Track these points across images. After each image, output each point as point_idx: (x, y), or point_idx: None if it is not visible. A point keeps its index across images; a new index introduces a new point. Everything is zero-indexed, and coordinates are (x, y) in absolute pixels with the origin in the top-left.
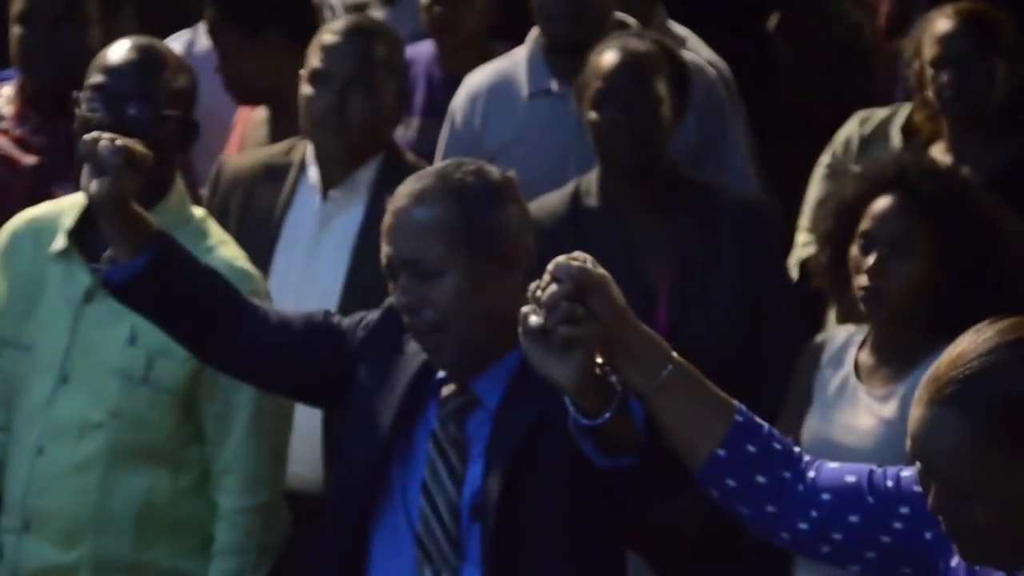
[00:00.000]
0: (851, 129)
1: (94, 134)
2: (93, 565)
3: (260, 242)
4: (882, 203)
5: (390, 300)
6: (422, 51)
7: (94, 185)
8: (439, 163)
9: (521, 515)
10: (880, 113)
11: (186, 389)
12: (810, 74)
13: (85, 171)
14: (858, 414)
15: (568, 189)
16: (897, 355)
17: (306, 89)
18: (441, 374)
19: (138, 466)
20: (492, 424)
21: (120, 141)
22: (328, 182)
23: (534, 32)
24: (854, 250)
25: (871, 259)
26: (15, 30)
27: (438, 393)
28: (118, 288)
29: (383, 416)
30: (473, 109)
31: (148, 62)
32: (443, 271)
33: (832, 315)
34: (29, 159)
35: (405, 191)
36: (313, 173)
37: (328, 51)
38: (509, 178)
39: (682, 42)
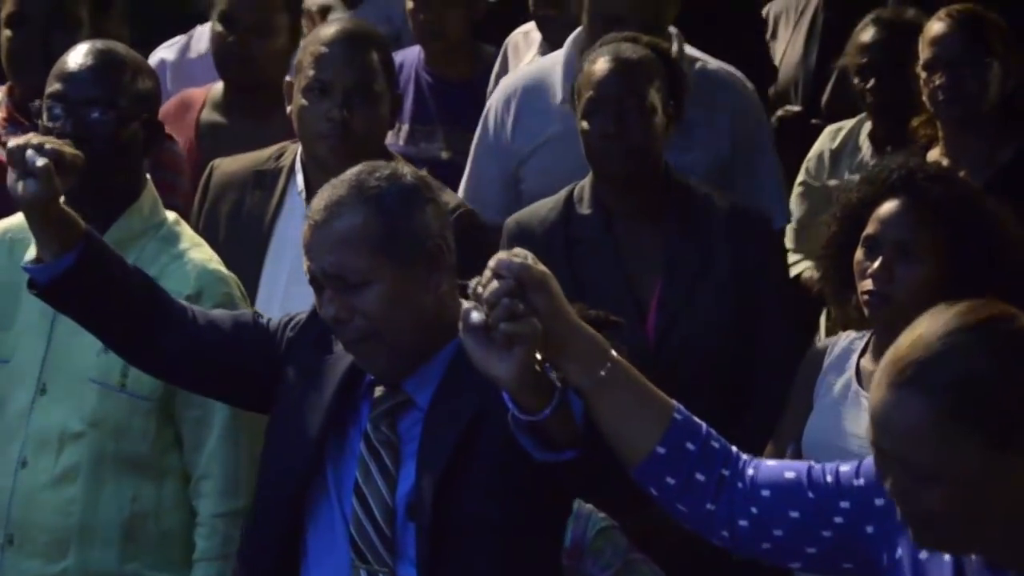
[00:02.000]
0: (822, 144)
1: (21, 139)
2: None
3: (250, 247)
4: (888, 207)
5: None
6: (410, 56)
7: (20, 187)
8: (352, 169)
9: (456, 513)
10: (848, 125)
11: (163, 395)
12: None
13: (10, 174)
14: (860, 419)
15: (561, 196)
16: None
17: (301, 100)
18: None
19: (121, 475)
20: (424, 423)
21: (49, 144)
22: (314, 189)
23: (572, 36)
24: (859, 254)
25: (877, 263)
26: (4, 33)
27: (370, 393)
28: (44, 288)
29: (313, 416)
30: (507, 109)
31: (107, 66)
32: (369, 281)
33: (822, 321)
34: None
35: (321, 203)
36: (299, 180)
37: (325, 61)
38: (423, 177)
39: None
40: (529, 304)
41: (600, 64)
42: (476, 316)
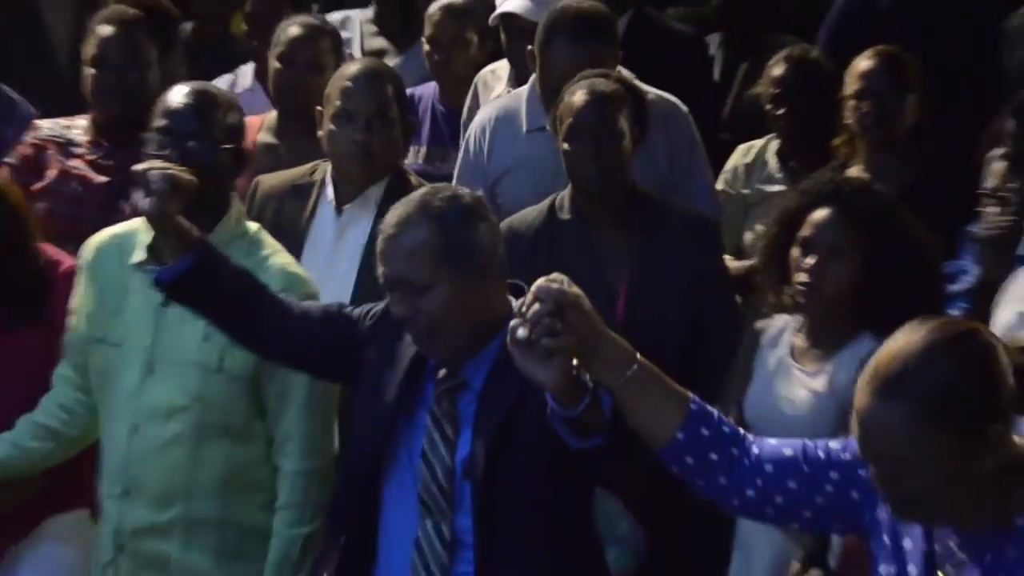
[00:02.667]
0: (736, 160)
1: (146, 164)
2: (185, 524)
3: (287, 247)
4: (820, 214)
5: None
6: (427, 90)
7: (144, 203)
8: (419, 191)
9: (504, 473)
10: (757, 144)
11: (252, 375)
12: None
13: (137, 193)
14: (793, 387)
15: (545, 204)
16: (826, 339)
17: (330, 126)
18: None
19: (217, 440)
20: (478, 401)
21: (168, 170)
22: (342, 199)
23: (533, 78)
24: (795, 252)
25: (810, 260)
26: (88, 71)
27: (433, 375)
28: (167, 286)
29: (388, 394)
30: (483, 137)
31: (202, 104)
32: (430, 286)
33: None
34: (101, 178)
35: (392, 220)
36: (330, 192)
37: (350, 93)
38: (478, 198)
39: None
40: (565, 321)
41: (579, 96)
42: (522, 332)
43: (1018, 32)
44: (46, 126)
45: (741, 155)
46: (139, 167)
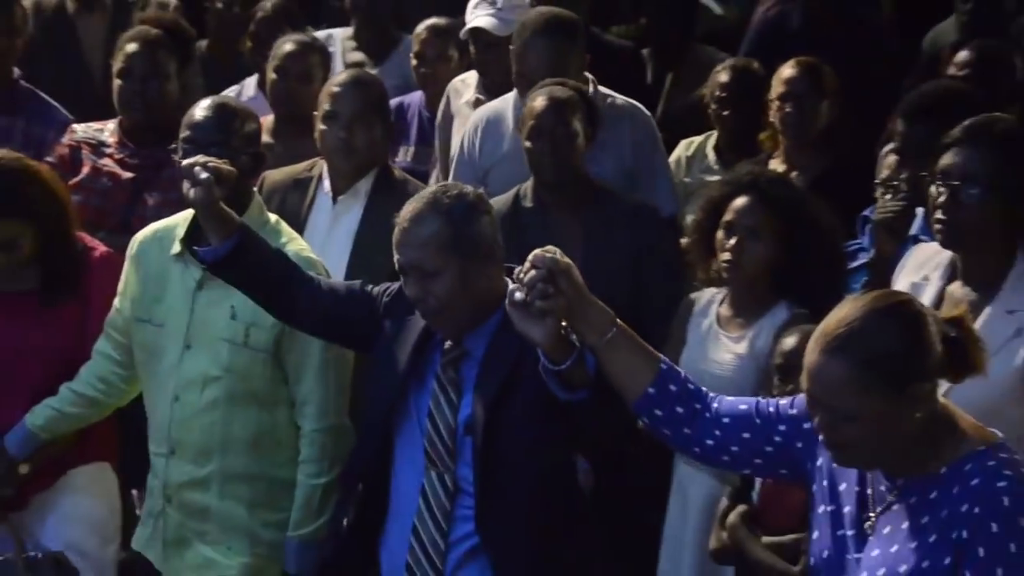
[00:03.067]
0: (679, 152)
1: (192, 159)
2: (221, 476)
3: None
4: (740, 201)
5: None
6: (414, 98)
7: (192, 193)
8: (430, 188)
9: (500, 430)
10: (697, 140)
11: (274, 348)
12: None
13: (185, 184)
14: (719, 350)
15: (511, 194)
16: (747, 309)
17: (321, 126)
18: None
19: (247, 405)
20: (478, 369)
21: (211, 163)
22: (337, 191)
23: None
24: (719, 235)
25: (732, 241)
26: (116, 83)
27: (440, 346)
28: (211, 264)
29: (400, 359)
30: (476, 136)
31: (222, 116)
32: (440, 271)
33: None
34: (127, 174)
35: (407, 213)
36: (326, 184)
37: (336, 97)
38: (480, 195)
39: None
40: (556, 287)
41: (539, 101)
42: (518, 295)
43: None
44: (80, 129)
45: (683, 149)
46: (187, 162)
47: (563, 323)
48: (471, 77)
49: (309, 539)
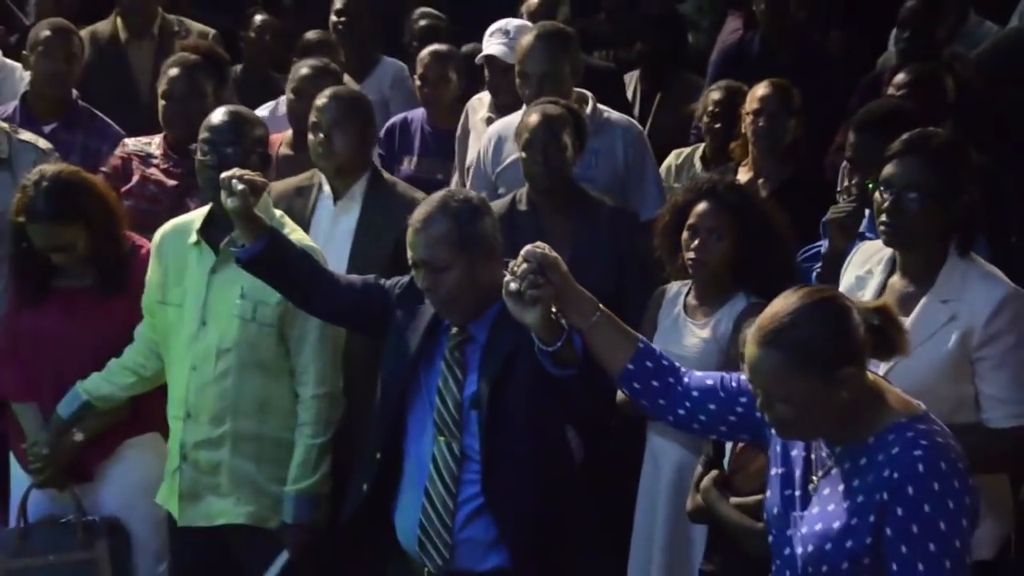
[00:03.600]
0: (670, 161)
1: (229, 172)
2: (232, 438)
3: None
4: (701, 206)
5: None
6: (417, 114)
7: (229, 202)
8: (439, 193)
9: (501, 405)
10: (686, 150)
11: (278, 323)
12: None
13: (223, 193)
14: (687, 335)
15: (508, 199)
16: (710, 299)
17: (309, 135)
18: None
19: (255, 374)
20: (482, 352)
21: (246, 175)
22: (336, 195)
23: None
24: (685, 235)
25: (696, 241)
26: (161, 103)
27: (448, 331)
28: (246, 263)
29: (412, 343)
30: (489, 146)
31: (235, 121)
32: (449, 267)
33: None
34: (171, 182)
35: (419, 216)
36: (326, 189)
37: (317, 110)
38: (483, 199)
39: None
40: (545, 277)
41: (533, 117)
42: (513, 286)
43: None
44: (131, 143)
45: (673, 158)
46: (226, 174)
47: (553, 309)
48: (486, 97)
49: (305, 493)
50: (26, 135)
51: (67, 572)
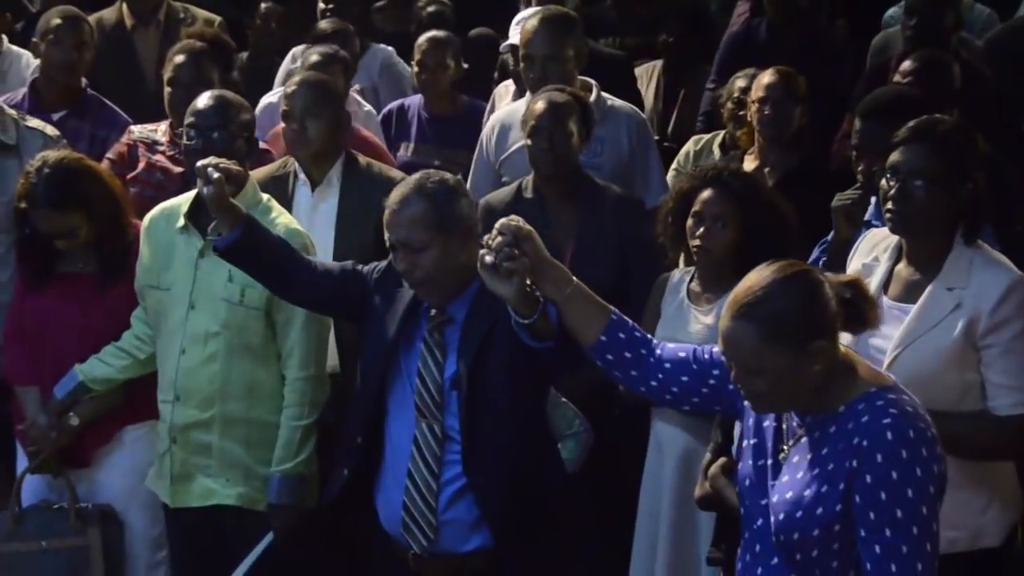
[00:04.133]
0: (688, 147)
1: (206, 160)
2: (221, 420)
3: None
4: (706, 193)
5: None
6: (414, 100)
7: (205, 190)
8: (415, 175)
9: (480, 385)
10: (705, 137)
11: (266, 307)
12: None
13: (199, 181)
14: (690, 323)
15: (513, 186)
16: (713, 286)
17: (282, 124)
18: None
19: (243, 357)
20: (460, 332)
21: (223, 164)
22: (313, 182)
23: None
24: (690, 222)
25: (701, 228)
26: (167, 89)
27: (427, 313)
28: (222, 251)
29: (391, 326)
30: (492, 134)
31: (220, 105)
32: (426, 247)
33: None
34: (177, 169)
35: (396, 197)
36: (303, 175)
37: (288, 97)
38: (459, 180)
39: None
40: (521, 250)
41: (539, 104)
42: (488, 259)
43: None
44: (137, 130)
45: (692, 144)
46: (202, 163)
47: (528, 282)
48: (512, 85)
49: (289, 473)
50: (34, 122)
51: (59, 558)
